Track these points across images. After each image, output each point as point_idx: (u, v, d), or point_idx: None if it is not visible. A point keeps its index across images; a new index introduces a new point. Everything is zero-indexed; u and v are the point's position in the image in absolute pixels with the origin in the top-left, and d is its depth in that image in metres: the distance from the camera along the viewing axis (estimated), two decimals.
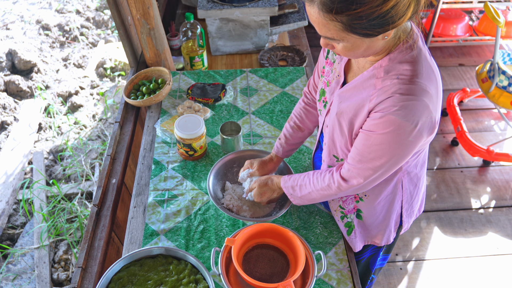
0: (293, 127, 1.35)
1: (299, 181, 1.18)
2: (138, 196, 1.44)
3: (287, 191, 1.21)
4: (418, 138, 0.92)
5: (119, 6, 1.80)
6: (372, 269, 1.46)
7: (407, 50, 0.91)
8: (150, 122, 1.71)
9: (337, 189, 1.08)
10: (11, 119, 2.89)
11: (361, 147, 0.99)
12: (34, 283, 2.00)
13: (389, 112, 0.89)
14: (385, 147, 0.94)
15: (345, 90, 1.03)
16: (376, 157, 0.96)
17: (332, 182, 1.09)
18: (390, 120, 0.89)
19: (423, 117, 0.88)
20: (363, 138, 0.98)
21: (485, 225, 2.39)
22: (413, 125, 0.88)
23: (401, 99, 0.87)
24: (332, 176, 1.09)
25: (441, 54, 3.55)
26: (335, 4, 0.79)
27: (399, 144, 0.93)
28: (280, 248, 1.24)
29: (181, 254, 1.18)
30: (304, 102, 1.35)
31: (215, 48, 2.10)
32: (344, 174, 1.06)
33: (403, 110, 0.87)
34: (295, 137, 1.35)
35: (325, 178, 1.11)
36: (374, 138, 0.94)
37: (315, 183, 1.13)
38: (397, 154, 0.95)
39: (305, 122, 1.34)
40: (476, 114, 3.04)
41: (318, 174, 1.14)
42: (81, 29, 3.79)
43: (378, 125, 0.92)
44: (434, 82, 0.91)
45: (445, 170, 2.68)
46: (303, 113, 1.34)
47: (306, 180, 1.16)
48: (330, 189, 1.10)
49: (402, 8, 0.80)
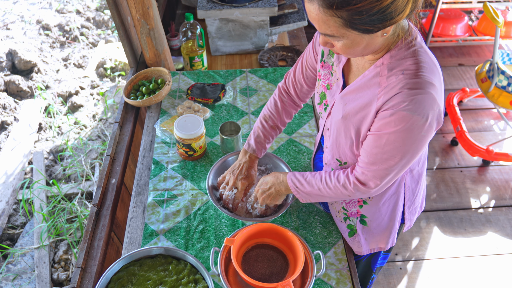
0: (272, 126, 1.32)
1: (308, 176, 1.14)
2: (137, 196, 1.45)
3: (293, 185, 1.16)
4: (429, 131, 0.92)
5: (118, 7, 1.80)
6: (373, 268, 1.45)
7: (406, 46, 0.92)
8: (149, 122, 1.72)
9: (354, 190, 1.05)
10: (11, 119, 2.89)
11: (373, 149, 0.97)
12: (34, 283, 2.01)
13: (400, 109, 0.88)
14: (399, 144, 0.93)
15: (349, 92, 1.03)
16: (391, 156, 0.95)
17: (348, 184, 1.05)
18: (402, 116, 0.89)
19: (432, 109, 0.89)
20: (373, 139, 0.96)
21: (485, 224, 2.39)
22: (424, 118, 0.88)
23: (410, 94, 0.87)
24: (347, 178, 1.05)
25: (440, 54, 3.56)
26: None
27: (413, 140, 0.92)
28: (279, 248, 1.24)
29: (180, 254, 1.18)
30: (281, 100, 1.32)
31: (214, 48, 2.10)
32: (359, 177, 1.03)
33: (414, 104, 0.87)
34: (271, 135, 1.33)
35: (339, 177, 1.07)
36: (387, 138, 0.93)
37: (327, 180, 1.10)
38: (411, 150, 0.94)
39: (283, 120, 1.33)
40: (476, 114, 3.04)
41: (332, 172, 1.11)
42: (81, 29, 3.80)
43: (389, 123, 0.91)
44: (437, 75, 0.92)
45: (444, 170, 2.68)
46: (280, 111, 1.32)
47: (318, 176, 1.12)
48: (345, 189, 1.06)
49: (401, 3, 0.81)
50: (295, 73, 1.27)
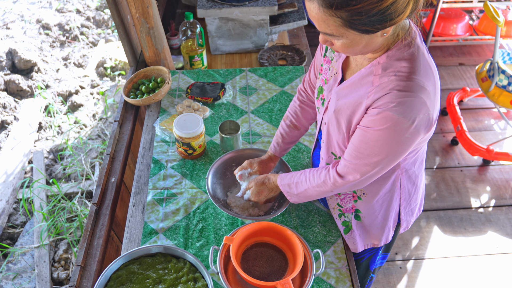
0: (289, 125, 1.35)
1: (295, 178, 1.18)
2: (137, 195, 1.45)
3: (284, 189, 1.21)
4: (415, 135, 0.92)
5: (118, 6, 1.80)
6: (371, 269, 1.46)
7: (405, 47, 0.92)
8: (149, 121, 1.72)
9: (333, 185, 1.08)
10: (11, 118, 2.89)
11: (358, 143, 0.99)
12: (34, 282, 2.01)
13: (387, 109, 0.89)
14: (382, 143, 0.94)
15: (343, 88, 1.03)
16: (373, 153, 0.97)
17: (328, 179, 1.09)
18: (387, 117, 0.89)
19: (420, 114, 0.89)
20: (360, 134, 0.98)
21: (485, 224, 2.39)
22: (410, 121, 0.89)
23: (398, 96, 0.88)
24: (328, 173, 1.09)
25: (441, 54, 3.55)
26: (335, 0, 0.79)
27: (395, 141, 0.93)
28: (279, 247, 1.24)
29: (179, 252, 1.18)
30: (299, 100, 1.35)
31: (214, 47, 2.10)
32: (340, 170, 1.06)
33: (400, 106, 0.87)
34: (291, 135, 1.35)
35: (321, 174, 1.11)
36: (371, 134, 0.94)
37: (311, 180, 1.13)
38: (393, 151, 0.95)
39: (301, 120, 1.34)
40: (476, 114, 3.04)
41: (315, 171, 1.14)
42: (81, 28, 3.80)
43: (375, 121, 0.92)
44: (432, 80, 0.91)
45: (445, 169, 2.68)
46: (298, 111, 1.34)
47: (302, 178, 1.16)
48: (326, 185, 1.10)
49: (401, 5, 0.80)
50: (309, 73, 1.29)
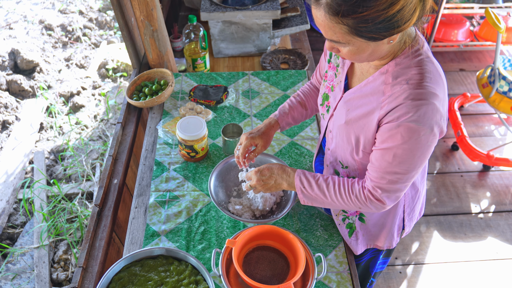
0: (298, 101, 1.33)
1: (320, 179, 1.09)
2: (139, 197, 1.45)
3: (300, 184, 1.10)
4: (434, 140, 0.93)
5: (122, 8, 1.81)
6: (371, 272, 1.46)
7: (413, 54, 0.92)
8: (152, 123, 1.72)
9: (368, 202, 1.03)
10: (12, 118, 2.89)
11: (384, 165, 0.96)
12: (33, 283, 2.01)
13: (405, 120, 0.89)
14: (408, 157, 0.93)
15: (353, 98, 1.03)
16: (403, 170, 0.95)
17: (362, 195, 1.03)
18: (408, 129, 0.89)
19: (435, 119, 0.89)
20: (382, 155, 0.95)
21: (485, 229, 2.39)
22: (430, 128, 0.89)
23: (413, 105, 0.88)
24: (362, 189, 1.04)
25: (442, 59, 3.56)
26: (341, 7, 0.79)
27: (421, 151, 0.92)
28: (281, 250, 1.24)
29: (181, 255, 1.18)
30: (312, 84, 1.36)
31: (217, 51, 2.11)
32: (374, 193, 1.01)
33: (418, 116, 0.88)
34: (297, 111, 1.32)
35: (354, 186, 1.05)
36: (395, 152, 0.93)
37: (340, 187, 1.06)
38: (420, 161, 0.95)
39: (310, 101, 1.34)
40: (477, 119, 3.05)
41: (345, 179, 1.08)
42: (83, 29, 3.80)
43: (396, 135, 0.91)
44: (441, 85, 0.92)
45: (445, 175, 2.68)
46: (309, 91, 1.34)
47: (330, 181, 1.08)
48: (358, 200, 1.04)
49: (408, 12, 0.81)
50: (316, 73, 1.32)
